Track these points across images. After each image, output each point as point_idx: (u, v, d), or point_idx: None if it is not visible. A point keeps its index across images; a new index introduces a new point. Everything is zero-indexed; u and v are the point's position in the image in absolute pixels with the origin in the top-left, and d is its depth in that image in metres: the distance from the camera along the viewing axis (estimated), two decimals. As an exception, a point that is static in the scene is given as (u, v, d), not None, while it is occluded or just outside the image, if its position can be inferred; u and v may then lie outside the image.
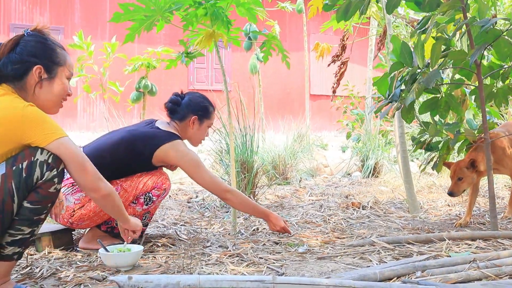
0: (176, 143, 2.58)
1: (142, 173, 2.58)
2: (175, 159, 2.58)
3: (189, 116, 2.71)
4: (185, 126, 2.73)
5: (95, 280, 1.99)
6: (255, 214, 2.86)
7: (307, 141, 7.61)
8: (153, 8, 2.59)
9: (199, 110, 2.74)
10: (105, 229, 2.56)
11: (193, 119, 2.72)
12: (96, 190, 1.87)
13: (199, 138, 2.81)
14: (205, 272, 2.09)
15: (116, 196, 1.97)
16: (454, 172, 3.13)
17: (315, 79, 14.12)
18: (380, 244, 2.54)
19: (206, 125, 2.79)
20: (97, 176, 1.86)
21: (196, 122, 2.73)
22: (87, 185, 1.84)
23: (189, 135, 2.77)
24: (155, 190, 2.56)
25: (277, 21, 8.04)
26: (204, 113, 2.75)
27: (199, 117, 2.74)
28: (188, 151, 2.60)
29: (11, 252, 1.72)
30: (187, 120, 2.72)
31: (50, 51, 1.84)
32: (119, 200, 2.02)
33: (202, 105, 2.76)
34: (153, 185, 2.56)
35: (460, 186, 3.12)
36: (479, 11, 2.74)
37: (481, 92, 2.82)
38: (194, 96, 2.80)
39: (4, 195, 1.64)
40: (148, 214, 2.62)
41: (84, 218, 2.45)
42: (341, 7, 2.85)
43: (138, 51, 7.45)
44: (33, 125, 1.67)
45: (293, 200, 4.32)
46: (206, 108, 2.77)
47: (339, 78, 4.50)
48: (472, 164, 3.08)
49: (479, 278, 1.95)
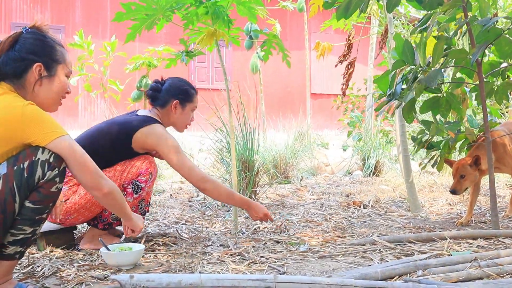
0: (154, 126, 2.55)
1: (125, 161, 2.54)
2: (154, 143, 2.53)
3: (170, 101, 2.68)
4: (168, 112, 2.70)
5: (96, 279, 1.99)
6: (235, 203, 2.79)
7: (308, 140, 7.61)
8: (154, 7, 2.59)
9: (179, 94, 2.70)
10: (102, 227, 2.55)
11: (174, 103, 2.68)
12: (97, 188, 1.87)
13: (183, 122, 2.77)
14: (206, 271, 2.09)
15: (118, 194, 1.97)
16: (456, 170, 3.13)
17: (316, 77, 14.11)
18: (381, 243, 2.54)
19: (189, 108, 2.75)
20: (99, 174, 1.86)
21: (178, 106, 2.70)
22: (89, 183, 1.85)
23: (172, 121, 2.74)
24: (141, 177, 2.52)
25: (278, 20, 8.03)
26: (185, 97, 2.72)
27: (181, 101, 2.70)
28: (167, 135, 2.56)
29: (13, 251, 1.72)
30: (169, 106, 2.69)
31: (49, 48, 1.83)
32: (121, 197, 2.02)
33: (183, 89, 2.72)
34: (137, 172, 2.52)
35: (463, 184, 3.11)
36: (480, 10, 2.73)
37: (482, 91, 2.81)
38: (174, 81, 2.76)
39: (5, 195, 1.63)
40: (143, 202, 2.61)
41: (70, 212, 2.40)
42: (342, 5, 2.85)
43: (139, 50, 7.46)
44: (33, 124, 1.67)
45: (294, 199, 4.32)
46: (187, 92, 2.73)
47: (347, 79, 4.48)
48: (476, 162, 3.07)
49: (480, 277, 1.96)
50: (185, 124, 2.79)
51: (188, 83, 2.79)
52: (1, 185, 1.63)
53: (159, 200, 4.17)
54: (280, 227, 3.02)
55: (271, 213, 3.54)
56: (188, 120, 2.78)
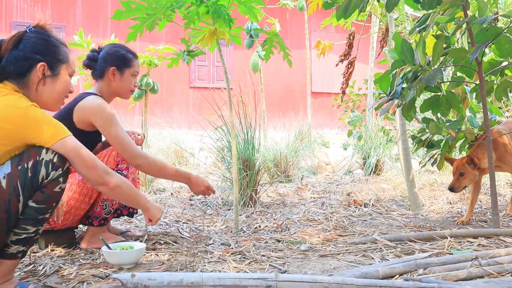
0: (90, 98, 2.47)
1: (101, 152, 2.54)
2: (90, 115, 2.44)
3: (107, 69, 2.59)
4: (107, 81, 2.61)
5: (98, 278, 1.99)
6: (173, 178, 2.69)
7: (309, 139, 7.61)
8: (155, 6, 2.60)
9: (115, 60, 2.61)
10: (97, 223, 2.53)
11: (111, 70, 2.59)
12: (104, 183, 1.89)
13: (126, 89, 2.66)
14: (207, 269, 2.09)
15: (126, 186, 1.98)
16: (456, 167, 3.14)
17: (317, 76, 14.10)
18: (382, 242, 2.54)
19: (129, 74, 2.65)
20: (104, 170, 1.87)
21: (116, 73, 2.61)
22: (95, 180, 1.87)
23: (114, 89, 2.64)
24: (120, 164, 2.52)
25: (278, 19, 8.03)
26: (122, 62, 2.62)
27: (118, 67, 2.61)
28: (104, 106, 2.45)
29: (15, 250, 1.72)
30: (107, 74, 2.60)
31: (53, 48, 1.84)
32: (131, 189, 2.03)
33: (118, 54, 2.63)
34: (116, 160, 2.52)
35: (462, 182, 3.13)
36: (479, 9, 2.74)
37: (482, 90, 2.82)
38: (109, 48, 2.66)
39: (10, 195, 1.64)
40: None
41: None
42: (341, 5, 2.85)
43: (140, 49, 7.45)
44: (34, 126, 1.67)
45: (295, 198, 4.32)
46: (123, 56, 2.64)
47: (347, 78, 4.48)
48: (470, 162, 3.09)
49: (481, 275, 1.96)
50: (128, 90, 2.68)
51: (125, 47, 2.69)
52: (5, 184, 1.64)
53: (160, 199, 4.18)
54: (281, 226, 3.03)
55: (272, 212, 3.55)
56: (130, 86, 2.67)
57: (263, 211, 3.65)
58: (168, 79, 12.52)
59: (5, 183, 1.64)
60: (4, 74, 1.76)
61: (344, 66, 4.57)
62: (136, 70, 2.69)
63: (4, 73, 1.76)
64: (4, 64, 1.77)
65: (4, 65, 1.76)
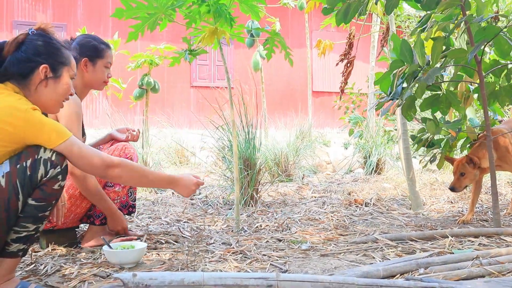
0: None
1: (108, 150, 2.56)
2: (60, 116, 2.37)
3: (79, 60, 2.52)
4: (80, 73, 2.55)
5: (99, 277, 2.00)
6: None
7: (310, 138, 7.61)
8: (156, 6, 2.60)
9: (87, 51, 2.55)
10: (99, 222, 2.55)
11: (83, 61, 2.53)
12: (108, 177, 1.93)
13: (99, 80, 2.61)
14: (208, 269, 2.09)
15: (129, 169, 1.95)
16: (457, 167, 3.14)
17: (318, 75, 14.10)
18: (383, 241, 2.54)
19: (102, 64, 2.59)
20: (106, 164, 1.87)
21: (89, 64, 2.56)
22: (99, 175, 1.95)
23: (87, 80, 2.58)
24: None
25: (278, 18, 8.03)
26: (94, 53, 2.56)
27: (90, 58, 2.55)
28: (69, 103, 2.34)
29: (16, 249, 1.73)
30: (80, 65, 2.53)
31: (55, 50, 1.86)
32: (137, 170, 2.00)
33: (90, 45, 2.57)
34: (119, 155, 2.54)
35: (462, 181, 3.13)
36: (477, 8, 2.74)
37: (482, 89, 2.81)
38: (81, 38, 2.60)
39: (9, 193, 1.65)
40: (132, 189, 2.66)
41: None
42: (340, 10, 2.86)
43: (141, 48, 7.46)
44: (35, 129, 1.68)
45: (296, 197, 4.32)
46: (95, 47, 2.57)
47: (346, 77, 4.51)
48: (469, 162, 3.09)
49: (482, 275, 1.96)
50: (101, 81, 2.62)
51: (97, 38, 2.62)
52: (4, 183, 1.64)
53: (161, 198, 4.18)
54: (282, 225, 3.03)
55: (273, 212, 3.55)
56: (103, 77, 2.61)
57: (264, 210, 3.65)
58: (169, 78, 12.53)
59: (4, 182, 1.64)
60: (7, 75, 1.78)
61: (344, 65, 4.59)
62: (109, 61, 2.63)
63: (7, 74, 1.78)
64: (6, 65, 1.78)
65: (7, 66, 1.78)
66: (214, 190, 4.42)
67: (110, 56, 2.65)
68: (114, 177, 1.91)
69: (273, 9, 9.14)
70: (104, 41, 2.64)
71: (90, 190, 2.40)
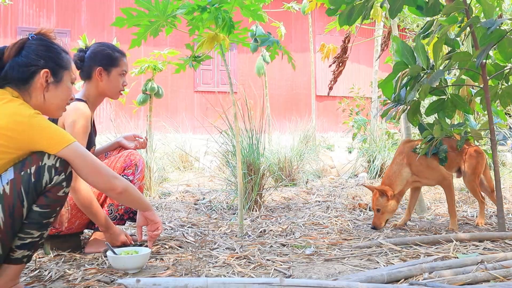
0: (72, 104, 2.34)
1: (109, 157, 2.55)
2: (64, 121, 2.37)
3: (94, 69, 2.52)
4: (95, 82, 2.54)
5: (103, 283, 2.00)
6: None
7: (313, 142, 7.60)
8: (156, 14, 2.60)
9: (102, 60, 2.54)
10: None
11: (98, 70, 2.52)
12: (111, 189, 1.90)
13: (114, 89, 2.60)
14: (212, 274, 2.09)
15: (132, 190, 1.99)
16: (373, 203, 3.02)
17: (321, 80, 14.09)
18: (387, 246, 2.54)
19: (117, 73, 2.57)
20: (111, 175, 1.88)
21: (103, 73, 2.54)
22: (102, 186, 1.89)
23: (102, 90, 2.57)
24: (127, 170, 2.52)
25: (282, 23, 8.04)
26: (108, 61, 2.55)
27: (105, 67, 2.54)
28: (74, 112, 2.35)
29: (20, 255, 1.73)
30: (94, 74, 2.53)
31: (56, 55, 1.86)
32: (135, 193, 2.03)
33: (104, 53, 2.55)
34: (122, 166, 2.53)
35: (381, 218, 3.00)
36: (484, 11, 2.73)
37: (486, 93, 2.81)
38: (95, 47, 2.58)
39: (14, 200, 1.65)
40: None
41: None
42: (344, 12, 2.86)
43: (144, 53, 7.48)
44: (39, 134, 1.68)
45: (300, 202, 4.32)
46: (110, 56, 2.56)
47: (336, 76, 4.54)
48: (381, 195, 2.99)
49: (487, 279, 1.95)
50: (117, 91, 2.61)
51: (112, 46, 2.60)
52: (9, 190, 1.65)
53: (165, 203, 4.18)
54: (286, 230, 3.02)
55: (277, 216, 3.54)
56: (118, 86, 2.60)
57: (268, 215, 3.65)
58: (173, 83, 12.56)
59: (8, 189, 1.65)
60: (7, 80, 1.78)
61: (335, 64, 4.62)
62: (124, 69, 2.62)
63: (7, 79, 1.78)
64: (7, 70, 1.78)
65: (7, 71, 1.78)
66: (218, 195, 4.42)
67: (125, 64, 2.63)
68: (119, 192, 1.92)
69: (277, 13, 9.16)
70: (118, 49, 2.62)
71: (80, 201, 2.33)
